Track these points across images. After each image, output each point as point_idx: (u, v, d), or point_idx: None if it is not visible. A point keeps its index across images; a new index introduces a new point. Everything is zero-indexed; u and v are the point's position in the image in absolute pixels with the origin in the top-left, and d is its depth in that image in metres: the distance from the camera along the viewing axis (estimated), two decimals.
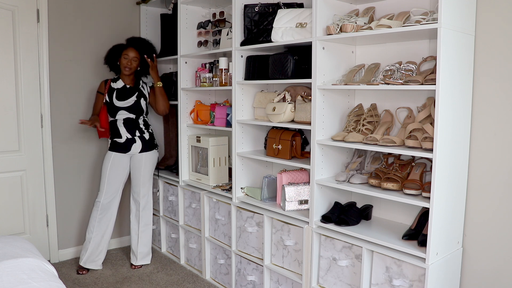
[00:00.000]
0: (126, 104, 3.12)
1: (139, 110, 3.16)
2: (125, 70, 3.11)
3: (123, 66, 3.10)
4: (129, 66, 3.10)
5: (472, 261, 2.06)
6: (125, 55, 3.10)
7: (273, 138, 2.57)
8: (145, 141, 3.18)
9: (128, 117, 3.14)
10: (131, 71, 3.12)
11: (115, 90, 3.15)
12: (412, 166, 2.14)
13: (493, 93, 1.96)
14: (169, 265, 3.32)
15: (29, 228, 3.24)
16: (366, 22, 2.13)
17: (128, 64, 3.09)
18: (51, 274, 1.85)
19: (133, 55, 3.10)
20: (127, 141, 3.14)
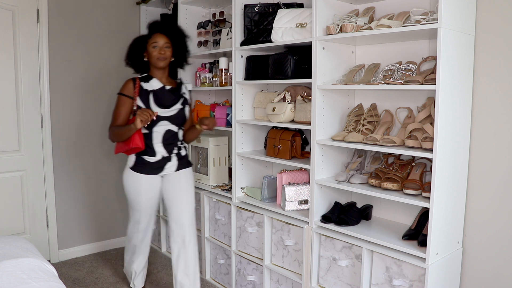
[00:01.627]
0: (169, 112, 2.44)
1: (182, 121, 2.52)
2: (158, 62, 2.42)
3: (155, 58, 2.42)
4: (163, 56, 2.41)
5: (472, 261, 2.05)
6: (153, 43, 2.42)
7: (273, 138, 2.57)
8: (181, 157, 2.55)
9: (169, 129, 2.46)
10: (166, 61, 2.45)
11: (151, 92, 2.43)
12: (412, 166, 2.14)
13: (493, 93, 1.96)
14: (169, 265, 3.32)
15: (29, 228, 3.24)
16: (366, 22, 2.13)
17: (162, 53, 2.41)
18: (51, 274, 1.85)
19: (163, 41, 2.42)
20: (162, 160, 2.48)
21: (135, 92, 2.42)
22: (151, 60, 2.44)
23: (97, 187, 3.54)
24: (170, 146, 2.49)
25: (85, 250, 3.50)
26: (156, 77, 2.48)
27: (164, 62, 2.43)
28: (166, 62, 2.45)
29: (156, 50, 2.41)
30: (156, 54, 2.41)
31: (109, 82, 3.52)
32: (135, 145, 2.37)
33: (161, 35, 2.43)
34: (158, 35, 2.43)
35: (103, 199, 3.58)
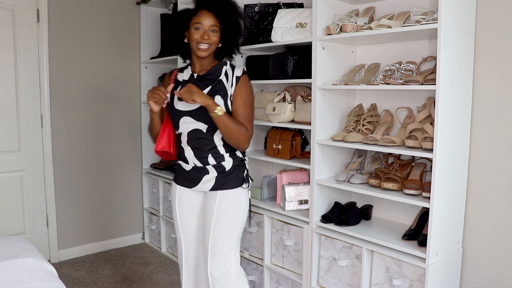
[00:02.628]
0: (188, 105, 1.90)
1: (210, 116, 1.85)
2: (199, 50, 1.87)
3: (195, 42, 1.87)
4: (206, 41, 1.86)
5: (472, 261, 2.05)
6: (196, 23, 1.86)
7: (273, 138, 2.57)
8: (224, 172, 1.92)
9: (195, 129, 1.92)
10: (210, 49, 1.89)
11: (181, 84, 1.98)
12: (412, 166, 2.14)
13: (493, 93, 1.96)
14: (169, 265, 3.32)
15: (29, 228, 3.23)
16: (366, 22, 2.13)
17: (205, 38, 1.85)
18: (51, 274, 1.85)
19: (210, 22, 1.85)
20: (195, 170, 1.95)
21: (168, 86, 1.99)
22: (191, 44, 1.90)
23: (97, 187, 3.54)
24: (201, 153, 1.91)
25: (85, 250, 3.50)
26: (193, 66, 1.99)
27: (206, 51, 1.88)
28: (209, 51, 1.89)
29: (199, 33, 1.86)
30: (198, 37, 1.86)
31: (109, 82, 3.52)
32: (161, 148, 1.96)
33: (209, 13, 1.86)
34: (204, 12, 1.87)
35: (103, 199, 3.58)
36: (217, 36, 1.89)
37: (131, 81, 3.65)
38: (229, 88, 1.91)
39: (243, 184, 1.96)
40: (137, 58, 3.67)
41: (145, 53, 3.64)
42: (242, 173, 1.97)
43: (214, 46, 1.90)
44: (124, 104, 3.63)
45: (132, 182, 3.74)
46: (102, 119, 3.51)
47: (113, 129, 3.58)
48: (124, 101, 3.63)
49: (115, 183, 3.64)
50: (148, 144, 3.74)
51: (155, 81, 3.70)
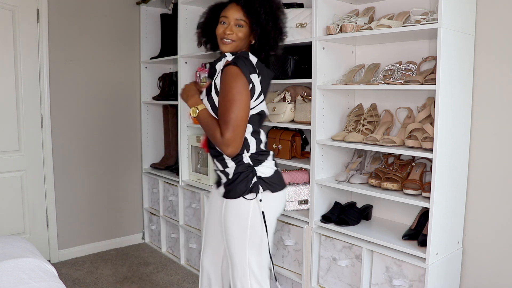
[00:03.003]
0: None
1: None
2: (221, 45, 1.75)
3: (219, 37, 1.75)
4: (228, 36, 1.71)
5: (472, 261, 2.05)
6: (222, 17, 1.74)
7: (273, 138, 2.57)
8: (228, 179, 1.77)
9: None
10: (233, 45, 1.73)
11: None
12: (412, 166, 2.14)
13: (493, 93, 1.96)
14: (169, 265, 3.32)
15: (29, 228, 3.23)
16: (366, 22, 2.13)
17: (228, 33, 1.71)
18: (51, 274, 1.85)
19: (235, 15, 1.71)
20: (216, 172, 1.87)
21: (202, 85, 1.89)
22: (217, 39, 1.77)
23: (97, 187, 3.54)
24: (212, 156, 1.82)
25: (85, 250, 3.50)
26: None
27: (229, 46, 1.72)
28: (233, 47, 1.73)
29: (222, 27, 1.72)
30: (221, 32, 1.72)
31: (109, 82, 3.53)
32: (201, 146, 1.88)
33: (237, 6, 1.71)
34: (232, 5, 1.73)
35: (103, 199, 3.58)
36: (243, 31, 1.71)
37: (131, 81, 3.65)
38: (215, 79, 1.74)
39: (248, 194, 1.70)
40: (137, 58, 3.67)
41: (145, 53, 3.64)
42: (248, 182, 1.71)
43: (240, 42, 1.72)
44: (124, 104, 3.63)
45: (132, 182, 3.74)
46: (102, 119, 3.51)
47: (113, 129, 3.58)
48: (124, 101, 3.63)
49: (115, 183, 3.64)
50: (148, 144, 3.74)
51: (155, 81, 3.70)
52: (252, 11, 1.69)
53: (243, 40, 1.73)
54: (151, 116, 3.74)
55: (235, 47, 1.73)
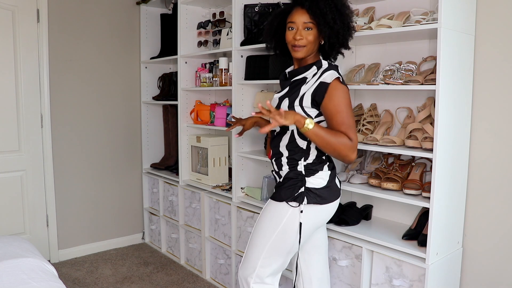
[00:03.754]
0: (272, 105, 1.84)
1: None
2: (293, 51, 1.76)
3: (290, 44, 1.76)
4: (298, 43, 1.72)
5: (472, 261, 2.05)
6: (289, 23, 1.74)
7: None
8: (278, 182, 1.84)
9: (273, 131, 1.87)
10: (305, 50, 1.74)
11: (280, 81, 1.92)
12: (412, 166, 2.14)
13: (493, 93, 1.96)
14: (169, 265, 3.33)
15: (29, 228, 3.24)
16: (366, 22, 2.13)
17: (298, 38, 1.71)
18: (51, 274, 1.85)
19: (302, 19, 1.70)
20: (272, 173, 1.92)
21: None
22: (288, 46, 1.78)
23: (97, 187, 3.54)
24: (272, 157, 1.84)
25: (85, 250, 3.50)
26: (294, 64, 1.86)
27: (301, 51, 1.73)
28: (306, 51, 1.73)
29: (292, 33, 1.73)
30: (291, 39, 1.73)
31: (109, 82, 3.53)
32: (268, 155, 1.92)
33: (302, 10, 1.71)
34: (297, 10, 1.72)
35: (103, 199, 3.58)
36: (312, 34, 1.71)
37: (131, 81, 3.65)
38: (304, 90, 1.71)
39: (293, 201, 1.72)
40: (137, 58, 3.67)
41: (145, 53, 3.65)
42: (295, 189, 1.73)
43: (311, 45, 1.73)
44: (124, 104, 3.63)
45: (132, 182, 3.74)
46: (102, 119, 3.51)
47: (113, 129, 3.58)
48: (124, 101, 3.63)
49: (115, 183, 3.64)
50: (148, 144, 3.75)
51: (155, 81, 3.70)
52: (318, 13, 1.68)
53: (313, 43, 1.74)
54: (151, 116, 3.74)
55: (307, 52, 1.74)
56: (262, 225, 1.79)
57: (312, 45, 1.74)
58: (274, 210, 1.77)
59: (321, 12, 1.68)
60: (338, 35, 1.73)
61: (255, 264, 1.79)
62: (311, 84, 1.72)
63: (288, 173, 1.77)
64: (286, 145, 1.78)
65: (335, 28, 1.71)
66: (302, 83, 1.74)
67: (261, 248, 1.78)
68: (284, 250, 1.78)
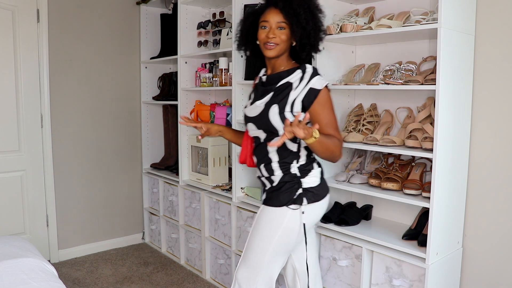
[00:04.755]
0: (250, 111, 1.82)
1: (268, 126, 1.74)
2: (266, 50, 1.74)
3: (262, 43, 1.75)
4: (271, 40, 1.71)
5: (472, 261, 2.05)
6: (262, 22, 1.74)
7: None
8: (272, 186, 1.81)
9: (256, 136, 1.83)
10: (277, 49, 1.73)
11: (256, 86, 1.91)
12: (412, 166, 2.14)
13: (493, 93, 1.96)
14: (169, 265, 3.33)
15: (29, 228, 3.23)
16: (366, 22, 2.13)
17: (270, 37, 1.71)
18: (51, 274, 1.85)
19: (275, 19, 1.71)
20: (260, 180, 1.89)
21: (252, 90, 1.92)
22: (260, 45, 1.77)
23: (97, 187, 3.54)
24: (259, 163, 1.83)
25: (85, 250, 3.50)
26: (267, 66, 1.86)
27: (274, 50, 1.72)
28: (278, 50, 1.73)
29: (264, 32, 1.72)
30: (263, 37, 1.73)
31: (109, 82, 3.53)
32: (242, 161, 1.92)
33: (275, 10, 1.71)
34: (271, 10, 1.73)
35: (103, 199, 3.58)
36: (285, 33, 1.71)
37: (131, 81, 3.65)
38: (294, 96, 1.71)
39: (292, 204, 1.73)
40: (137, 58, 3.67)
41: (145, 53, 3.65)
42: (293, 192, 1.74)
43: (283, 44, 1.73)
44: (124, 104, 3.63)
45: (132, 182, 3.74)
46: (102, 119, 3.51)
47: (113, 129, 3.58)
48: (124, 101, 3.63)
49: (115, 183, 3.64)
50: (148, 144, 3.75)
51: (155, 81, 3.70)
52: (292, 13, 1.69)
53: (286, 42, 1.74)
54: (151, 116, 3.74)
55: (279, 51, 1.74)
56: (262, 232, 1.77)
57: (285, 44, 1.73)
58: (273, 215, 1.76)
59: (295, 12, 1.69)
60: (310, 36, 1.73)
61: (255, 274, 1.78)
62: (300, 90, 1.71)
63: (283, 177, 1.77)
64: (276, 150, 1.77)
65: (307, 29, 1.71)
66: (288, 89, 1.73)
67: (260, 258, 1.77)
68: (285, 252, 1.80)
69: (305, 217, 1.74)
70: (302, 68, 1.75)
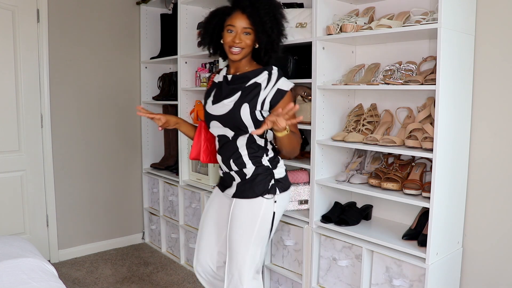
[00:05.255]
0: (217, 110, 1.87)
1: (237, 123, 1.82)
2: (231, 53, 1.82)
3: (228, 45, 1.82)
4: (237, 45, 1.79)
5: (472, 261, 2.05)
6: (229, 26, 1.80)
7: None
8: (244, 180, 1.88)
9: (222, 135, 1.90)
10: (242, 52, 1.81)
11: (217, 85, 1.95)
12: (412, 166, 2.14)
13: (493, 93, 1.96)
14: (169, 265, 3.33)
15: (29, 228, 3.23)
16: (366, 22, 2.13)
17: (237, 42, 1.78)
18: (51, 274, 1.85)
19: (242, 24, 1.78)
20: (225, 175, 1.96)
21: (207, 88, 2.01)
22: (224, 47, 1.84)
23: (97, 187, 3.54)
24: (227, 158, 1.89)
25: (85, 250, 3.50)
26: (229, 66, 1.94)
27: (238, 54, 1.80)
28: (242, 54, 1.81)
29: (230, 36, 1.79)
30: (229, 41, 1.80)
31: (109, 82, 3.53)
32: (193, 157, 2.02)
33: (242, 15, 1.77)
34: (238, 14, 1.79)
35: (103, 199, 3.58)
36: (250, 38, 1.80)
37: (131, 81, 3.65)
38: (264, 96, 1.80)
39: (266, 194, 1.83)
40: (137, 58, 3.67)
41: (145, 53, 3.65)
42: (267, 183, 1.84)
43: (248, 48, 1.82)
44: (124, 104, 3.63)
45: (132, 182, 3.74)
46: (102, 119, 3.51)
47: (113, 129, 3.58)
48: (124, 101, 3.63)
49: (115, 183, 3.64)
50: (148, 144, 3.75)
51: (155, 81, 3.70)
52: (258, 21, 1.77)
53: (251, 46, 1.83)
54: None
55: (244, 54, 1.82)
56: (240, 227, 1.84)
57: (249, 48, 1.82)
58: (248, 206, 1.85)
59: (261, 20, 1.76)
60: (273, 43, 1.83)
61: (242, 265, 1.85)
62: (268, 90, 1.81)
63: (256, 169, 1.86)
64: (245, 145, 1.86)
65: (272, 37, 1.80)
66: (257, 89, 1.81)
67: (245, 248, 1.84)
68: (265, 240, 1.89)
69: (276, 206, 1.85)
70: (268, 69, 1.84)
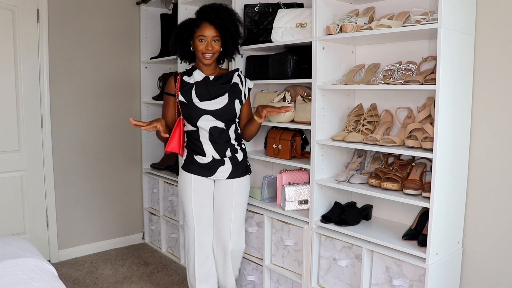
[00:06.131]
0: (212, 105, 2.21)
1: (231, 116, 2.25)
2: (205, 59, 2.19)
3: (201, 52, 2.18)
4: (209, 51, 2.17)
5: (472, 261, 2.05)
6: (200, 36, 2.16)
7: (273, 138, 2.57)
8: (237, 163, 2.30)
9: (214, 126, 2.22)
10: (213, 58, 2.21)
11: (194, 85, 2.25)
12: (412, 166, 2.14)
13: (493, 93, 1.96)
14: (169, 265, 3.33)
15: (29, 228, 3.24)
16: (366, 22, 2.13)
17: (209, 49, 2.17)
18: (51, 274, 1.85)
19: (212, 33, 2.16)
20: (213, 162, 2.26)
21: (176, 89, 2.24)
22: (196, 53, 2.21)
23: (97, 187, 3.54)
24: (221, 147, 2.24)
25: (85, 250, 3.50)
26: (200, 68, 2.27)
27: (211, 59, 2.20)
28: (213, 58, 2.21)
29: (203, 45, 2.17)
30: (202, 49, 2.17)
31: (109, 82, 3.53)
32: (171, 149, 2.25)
33: (210, 26, 2.16)
34: (206, 25, 2.16)
35: (103, 199, 3.59)
36: (219, 44, 2.21)
37: (131, 81, 3.65)
38: (244, 94, 2.32)
39: (249, 172, 2.40)
40: (137, 58, 3.67)
41: (145, 53, 3.65)
42: (247, 162, 2.39)
43: (217, 53, 2.23)
44: (124, 104, 3.63)
45: (132, 182, 3.74)
46: (102, 119, 3.51)
47: (113, 129, 3.59)
48: (124, 101, 3.63)
49: (115, 183, 3.64)
50: (148, 144, 3.74)
51: (155, 81, 3.70)
52: (226, 30, 2.19)
53: (219, 51, 2.24)
54: (151, 116, 3.74)
55: (214, 58, 2.24)
56: (243, 201, 2.35)
57: (218, 53, 2.23)
58: (245, 184, 2.36)
59: (228, 29, 2.19)
60: (236, 45, 2.29)
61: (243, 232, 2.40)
62: (243, 88, 2.31)
63: (243, 153, 2.35)
64: (234, 133, 2.29)
65: (236, 41, 2.27)
66: (238, 87, 2.29)
67: (244, 217, 2.40)
68: None
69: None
70: (237, 71, 2.32)
